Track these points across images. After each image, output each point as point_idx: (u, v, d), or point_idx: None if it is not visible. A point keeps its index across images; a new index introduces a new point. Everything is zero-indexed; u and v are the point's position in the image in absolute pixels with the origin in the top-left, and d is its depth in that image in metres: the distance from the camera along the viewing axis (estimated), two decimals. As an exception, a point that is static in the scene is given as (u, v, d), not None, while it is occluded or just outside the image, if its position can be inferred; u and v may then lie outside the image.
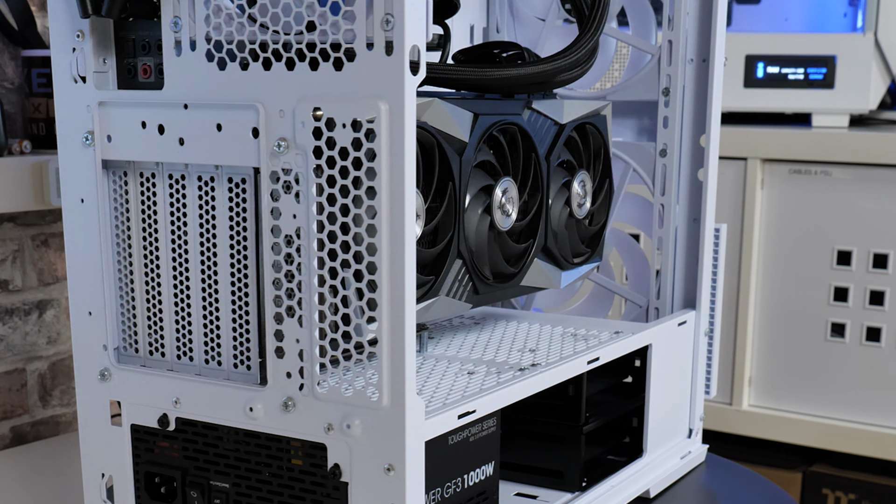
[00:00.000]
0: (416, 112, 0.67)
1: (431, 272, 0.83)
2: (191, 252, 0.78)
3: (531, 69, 0.87)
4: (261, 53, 0.71)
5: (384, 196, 0.68)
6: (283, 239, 0.72)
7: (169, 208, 0.78)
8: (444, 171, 0.82)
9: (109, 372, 0.81)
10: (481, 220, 0.87)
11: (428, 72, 0.83)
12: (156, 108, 0.76)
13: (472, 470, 0.86)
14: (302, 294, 0.72)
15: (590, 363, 0.93)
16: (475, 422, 0.85)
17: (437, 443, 0.78)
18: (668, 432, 1.09)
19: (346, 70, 0.68)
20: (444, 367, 0.89)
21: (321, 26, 0.69)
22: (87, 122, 0.78)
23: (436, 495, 0.82)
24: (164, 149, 0.76)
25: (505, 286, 0.92)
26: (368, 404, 0.70)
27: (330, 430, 0.72)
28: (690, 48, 1.10)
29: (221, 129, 0.73)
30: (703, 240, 1.10)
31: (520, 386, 0.84)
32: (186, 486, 0.79)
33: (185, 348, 0.80)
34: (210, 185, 0.76)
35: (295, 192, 0.71)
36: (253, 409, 0.75)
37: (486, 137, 0.87)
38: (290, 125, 0.70)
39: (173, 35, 0.74)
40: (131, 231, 0.80)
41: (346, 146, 0.68)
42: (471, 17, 1.21)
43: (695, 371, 1.12)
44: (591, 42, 0.91)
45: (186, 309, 0.79)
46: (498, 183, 0.88)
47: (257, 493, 0.77)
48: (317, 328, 0.71)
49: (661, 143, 1.11)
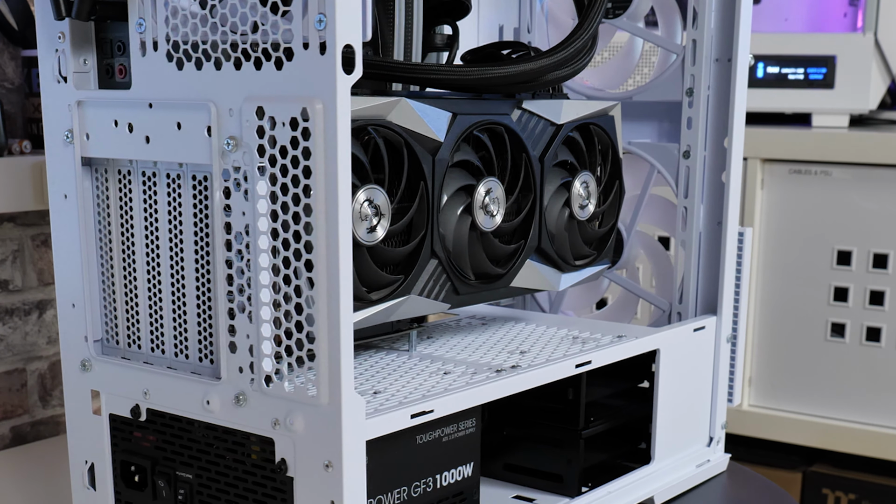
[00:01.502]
0: (350, 110, 0.67)
1: (402, 271, 0.83)
2: (162, 248, 0.80)
3: (511, 69, 0.86)
4: (212, 53, 0.72)
5: (320, 194, 0.68)
6: (234, 236, 0.73)
7: (142, 205, 0.80)
8: (415, 170, 0.82)
9: (90, 362, 0.84)
10: (461, 220, 0.87)
11: (403, 72, 0.84)
12: (125, 107, 0.78)
13: (447, 470, 0.86)
14: (251, 290, 0.73)
15: (579, 366, 0.92)
16: (448, 422, 0.85)
17: (396, 441, 0.78)
18: (684, 439, 1.06)
19: (286, 69, 0.69)
20: (424, 367, 0.89)
21: (263, 26, 0.70)
22: (68, 121, 0.81)
23: (401, 494, 0.82)
24: (134, 147, 0.78)
25: (492, 287, 0.91)
26: (308, 401, 0.71)
27: (276, 425, 0.73)
28: (715, 47, 1.07)
29: (181, 128, 0.75)
30: (725, 244, 1.07)
31: (490, 387, 0.84)
32: (155, 476, 0.81)
33: (157, 341, 0.82)
34: (177, 182, 0.78)
35: (244, 189, 0.72)
36: (210, 403, 0.76)
37: (466, 137, 0.86)
38: (238, 124, 0.71)
39: (139, 36, 0.76)
40: (111, 227, 0.83)
41: (286, 144, 0.69)
42: (500, 17, 1.20)
43: (715, 378, 1.09)
44: (580, 41, 0.89)
45: (159, 303, 0.81)
46: (480, 183, 0.87)
47: (216, 485, 0.78)
48: (263, 324, 0.72)
49: (685, 145, 1.09)
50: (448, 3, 1.01)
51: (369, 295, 0.80)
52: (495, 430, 1.04)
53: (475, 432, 0.88)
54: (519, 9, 1.21)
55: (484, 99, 0.89)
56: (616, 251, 1.15)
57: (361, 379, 0.85)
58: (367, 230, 0.78)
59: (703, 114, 1.08)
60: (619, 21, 1.13)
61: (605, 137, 1.00)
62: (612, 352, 0.95)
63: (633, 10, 1.12)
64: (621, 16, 1.12)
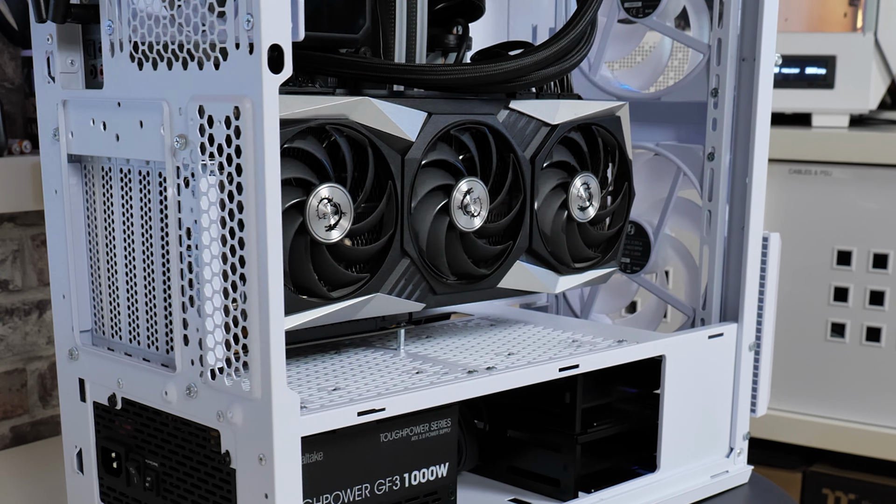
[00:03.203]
0: (278, 109, 0.68)
1: (370, 269, 0.83)
2: (136, 243, 0.83)
3: (488, 69, 0.86)
4: (164, 54, 0.75)
5: (251, 191, 0.69)
6: (185, 231, 0.75)
7: (120, 200, 0.83)
8: (382, 169, 0.82)
9: (77, 352, 0.87)
10: (437, 219, 0.87)
11: (374, 71, 0.84)
12: (100, 106, 0.81)
13: (417, 469, 0.86)
14: (199, 285, 0.75)
15: (563, 370, 0.90)
16: (418, 422, 0.85)
17: (356, 438, 0.80)
18: (697, 449, 1.03)
19: (222, 69, 0.70)
20: (402, 365, 0.89)
21: (203, 27, 0.71)
22: (55, 119, 0.85)
23: (363, 490, 0.82)
24: (107, 145, 0.81)
25: (476, 287, 0.91)
26: (244, 395, 0.72)
27: (221, 417, 0.75)
28: (742, 46, 1.04)
29: (143, 126, 0.77)
30: (747, 249, 1.04)
31: (453, 388, 0.83)
32: (127, 462, 0.84)
33: (134, 333, 0.84)
34: (147, 179, 0.81)
35: (192, 187, 0.74)
36: (167, 394, 0.78)
37: (445, 138, 0.86)
38: (185, 122, 0.73)
39: (108, 38, 0.79)
40: (97, 222, 0.86)
41: (222, 142, 0.71)
42: (534, 17, 1.19)
43: (736, 387, 1.06)
44: (566, 40, 0.88)
45: (135, 296, 0.84)
46: (459, 183, 0.87)
47: (176, 474, 0.80)
48: (207, 318, 0.74)
49: (710, 147, 1.06)
50: (461, 4, 1.01)
51: (330, 293, 0.81)
52: (500, 432, 1.03)
53: (450, 433, 0.88)
54: (555, 8, 1.19)
55: (468, 99, 0.88)
56: (644, 255, 1.13)
57: (330, 375, 0.86)
58: (325, 228, 0.79)
59: (729, 115, 1.05)
60: (648, 20, 1.10)
61: (611, 138, 0.98)
62: (604, 356, 0.94)
63: (663, 9, 1.10)
64: (651, 14, 1.10)
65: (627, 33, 1.15)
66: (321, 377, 0.85)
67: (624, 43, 1.16)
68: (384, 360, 0.91)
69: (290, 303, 0.79)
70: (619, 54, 1.17)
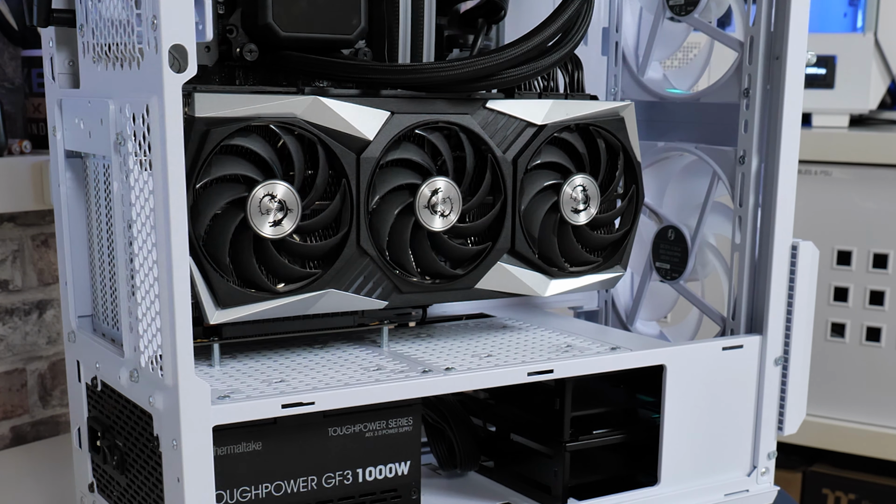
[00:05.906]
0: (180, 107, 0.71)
1: (324, 266, 0.85)
2: (112, 234, 0.87)
3: (452, 69, 0.85)
4: (111, 55, 0.79)
5: (159, 186, 0.72)
6: (127, 224, 0.79)
7: (104, 193, 0.88)
8: (334, 167, 0.83)
9: (74, 335, 0.93)
10: (401, 218, 0.87)
11: (348, 73, 0.85)
12: (78, 105, 0.86)
13: (373, 465, 0.87)
14: (137, 275, 0.78)
15: (531, 374, 0.89)
16: (372, 418, 0.86)
17: (297, 430, 0.82)
18: (708, 465, 0.98)
19: (142, 68, 0.74)
20: (370, 362, 0.90)
21: (128, 29, 0.75)
22: (53, 117, 0.90)
23: (307, 482, 0.84)
24: (84, 140, 0.86)
25: (450, 288, 0.90)
26: (161, 383, 0.75)
27: (150, 402, 0.78)
28: (774, 43, 0.98)
29: (103, 123, 0.82)
30: (772, 257, 0.99)
31: (395, 386, 0.83)
32: (103, 441, 0.89)
33: (114, 318, 0.89)
34: (108, 173, 0.85)
35: (129, 181, 0.78)
36: (121, 378, 0.83)
37: (411, 137, 0.86)
38: (122, 120, 0.77)
39: (81, 40, 0.84)
40: (91, 212, 0.91)
41: (141, 139, 0.74)
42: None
43: (759, 403, 1.00)
44: (538, 39, 0.86)
45: (114, 284, 0.88)
46: (425, 182, 0.87)
47: (132, 455, 0.85)
48: (138, 307, 0.77)
49: (741, 149, 1.01)
50: (483, 4, 1.01)
51: (276, 287, 0.83)
52: (504, 436, 1.02)
53: (412, 431, 0.88)
54: (609, 8, 1.16)
55: (444, 99, 0.88)
56: (682, 261, 1.09)
57: (288, 369, 0.87)
58: (269, 224, 0.81)
59: (762, 116, 1.00)
60: (689, 18, 1.06)
61: (613, 139, 0.95)
62: (586, 363, 0.91)
63: (703, 8, 1.05)
64: (692, 12, 1.06)
65: (671, 34, 1.11)
66: (277, 370, 0.87)
67: (670, 41, 1.12)
68: (357, 357, 0.91)
69: (234, 295, 0.81)
70: (662, 55, 1.13)
